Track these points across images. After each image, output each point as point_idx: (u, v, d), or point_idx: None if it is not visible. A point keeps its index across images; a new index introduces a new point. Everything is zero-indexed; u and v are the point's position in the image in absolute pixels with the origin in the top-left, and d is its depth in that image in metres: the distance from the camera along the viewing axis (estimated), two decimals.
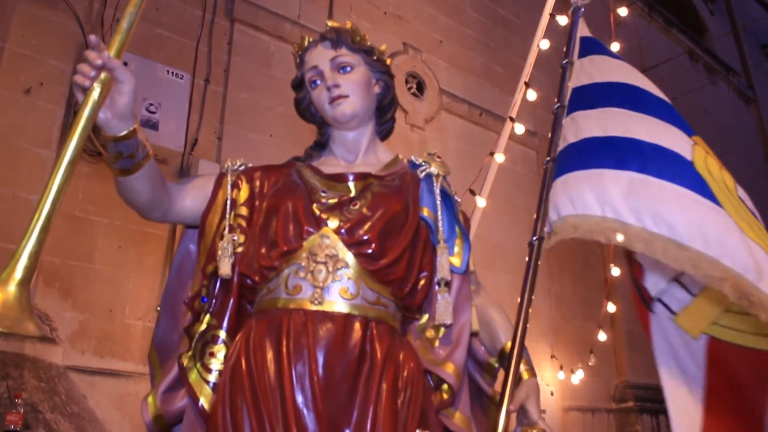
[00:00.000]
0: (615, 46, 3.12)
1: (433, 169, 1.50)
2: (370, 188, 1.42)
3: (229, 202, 1.43)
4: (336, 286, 1.29)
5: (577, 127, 1.73)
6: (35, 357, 2.84)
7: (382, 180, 1.45)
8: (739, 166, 8.00)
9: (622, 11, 3.78)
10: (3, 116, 3.08)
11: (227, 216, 1.42)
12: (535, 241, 1.59)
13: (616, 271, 4.31)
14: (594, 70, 1.89)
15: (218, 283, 1.39)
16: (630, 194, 1.50)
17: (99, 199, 3.31)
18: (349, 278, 1.30)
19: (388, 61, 1.59)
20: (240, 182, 1.47)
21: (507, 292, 3.62)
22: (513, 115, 3.15)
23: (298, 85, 1.57)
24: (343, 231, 1.32)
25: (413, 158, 1.55)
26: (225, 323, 1.36)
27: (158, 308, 1.52)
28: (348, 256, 1.31)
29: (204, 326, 1.36)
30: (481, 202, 3.03)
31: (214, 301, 1.38)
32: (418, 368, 1.31)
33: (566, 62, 1.91)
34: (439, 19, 5.52)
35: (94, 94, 1.12)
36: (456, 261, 1.42)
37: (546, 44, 3.17)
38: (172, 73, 3.66)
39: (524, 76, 3.18)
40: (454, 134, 5.29)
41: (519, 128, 3.22)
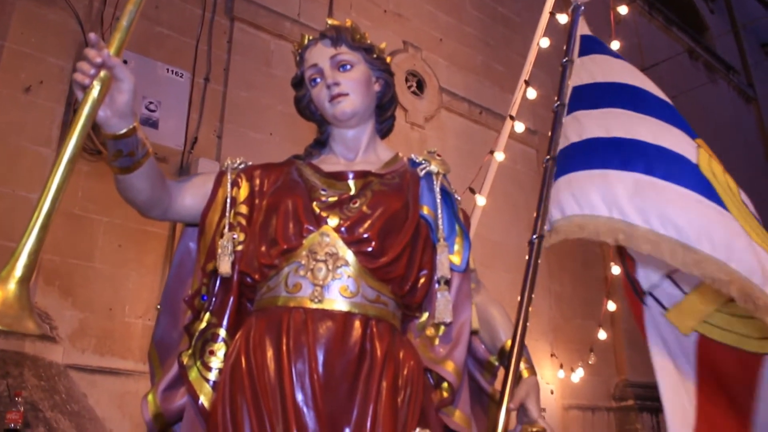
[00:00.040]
0: (615, 45, 3.12)
1: (433, 168, 1.50)
2: (370, 186, 1.42)
3: (229, 201, 1.43)
4: (336, 284, 1.29)
5: (579, 127, 1.72)
6: (35, 355, 2.84)
7: (382, 178, 1.45)
8: (739, 164, 8.00)
9: (622, 9, 3.78)
10: (3, 114, 3.08)
11: (227, 214, 1.41)
12: (535, 239, 1.59)
13: (617, 270, 4.29)
14: (596, 70, 1.88)
15: (218, 282, 1.39)
16: (636, 195, 1.50)
17: (99, 197, 3.31)
18: (349, 276, 1.30)
19: (388, 59, 1.59)
20: (240, 180, 1.47)
21: (507, 291, 3.62)
22: (513, 113, 3.14)
23: (298, 83, 1.57)
24: (343, 229, 1.32)
25: (413, 156, 1.55)
26: (225, 321, 1.36)
27: (158, 306, 1.52)
28: (348, 254, 1.31)
29: (204, 324, 1.36)
30: (481, 200, 3.03)
31: (214, 299, 1.38)
32: (418, 366, 1.31)
33: (566, 60, 1.91)
34: (439, 17, 5.52)
35: (94, 92, 1.12)
36: (456, 259, 1.42)
37: (546, 42, 3.17)
38: (172, 71, 3.66)
39: (524, 75, 3.18)
40: (454, 132, 5.29)
41: (519, 126, 3.23)
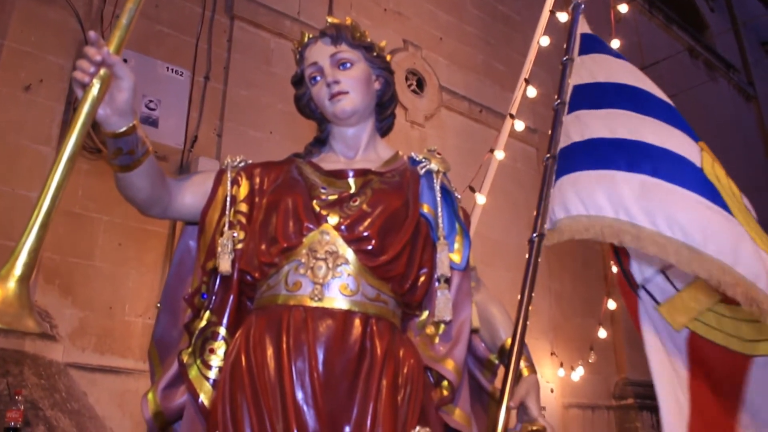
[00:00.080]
0: (615, 43, 3.11)
1: (433, 166, 1.50)
2: (370, 185, 1.42)
3: (228, 199, 1.43)
4: (336, 283, 1.29)
5: (582, 126, 1.72)
6: (35, 354, 2.85)
7: (382, 176, 1.45)
8: (740, 163, 8.01)
9: (623, 8, 3.77)
10: (2, 113, 3.07)
11: (227, 212, 1.41)
12: (535, 237, 1.59)
13: (616, 269, 4.29)
14: (597, 69, 1.88)
15: (218, 280, 1.39)
16: (642, 197, 1.50)
17: (99, 196, 3.31)
18: (349, 275, 1.30)
19: (388, 57, 1.59)
20: (240, 179, 1.47)
21: (507, 289, 3.62)
22: (513, 112, 3.14)
23: (298, 81, 1.57)
24: (343, 227, 1.32)
25: (413, 155, 1.55)
26: (225, 320, 1.36)
27: (158, 305, 1.52)
28: (348, 253, 1.31)
29: (204, 323, 1.36)
30: (481, 199, 3.03)
31: (213, 297, 1.38)
32: (418, 365, 1.31)
33: (566, 59, 1.91)
34: (439, 15, 5.51)
35: (94, 90, 1.11)
36: (456, 257, 1.42)
37: (546, 41, 3.16)
38: (172, 70, 3.65)
39: (524, 73, 3.18)
40: (454, 131, 5.29)
41: (519, 125, 3.22)
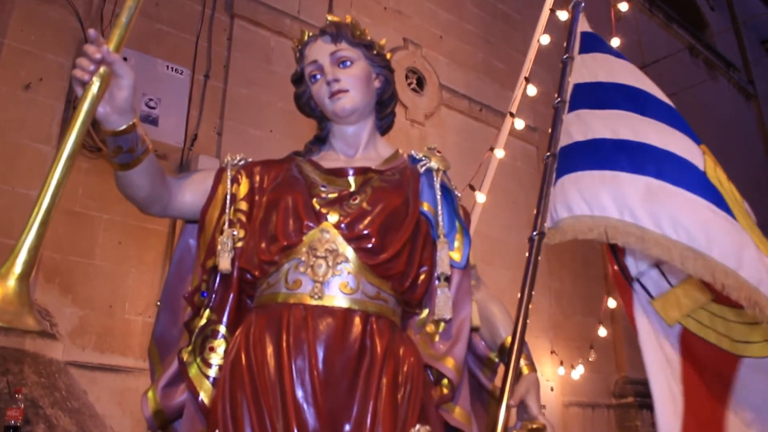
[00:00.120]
0: (615, 42, 3.10)
1: (434, 164, 1.50)
2: (370, 183, 1.42)
3: (228, 197, 1.43)
4: (336, 281, 1.29)
5: (584, 126, 1.71)
6: (35, 352, 2.85)
7: (382, 174, 1.45)
8: (740, 162, 8.00)
9: (623, 6, 3.76)
10: (2, 112, 3.07)
11: (227, 211, 1.41)
12: (535, 236, 1.59)
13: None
14: (597, 69, 1.87)
15: (218, 278, 1.39)
16: (647, 199, 1.49)
17: (99, 194, 3.31)
18: (349, 273, 1.30)
19: (388, 55, 1.58)
20: (240, 177, 1.47)
21: (507, 288, 3.62)
22: (513, 110, 3.14)
23: (298, 79, 1.56)
24: (342, 225, 1.32)
25: (413, 153, 1.55)
26: (225, 318, 1.36)
27: (158, 303, 1.52)
28: (348, 251, 1.31)
29: (204, 321, 1.36)
30: (480, 197, 3.03)
31: (213, 295, 1.38)
32: (418, 363, 1.31)
33: (567, 57, 1.91)
34: (439, 14, 5.51)
35: (93, 88, 1.11)
36: (456, 256, 1.42)
37: (546, 39, 3.16)
38: (172, 68, 3.65)
39: (524, 72, 3.18)
40: (454, 130, 5.29)
41: (519, 124, 3.22)
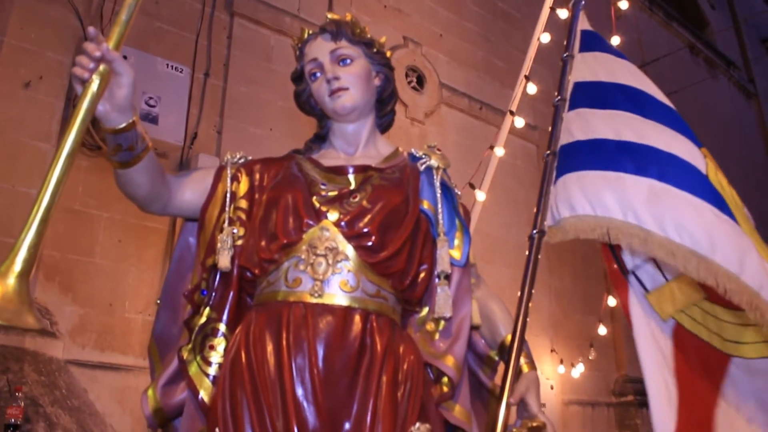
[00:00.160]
0: (615, 40, 3.10)
1: (434, 162, 1.50)
2: (370, 181, 1.42)
3: (228, 195, 1.43)
4: (336, 279, 1.29)
5: (586, 125, 1.71)
6: (35, 351, 2.85)
7: (382, 172, 1.45)
8: (740, 160, 8.00)
9: (623, 5, 3.76)
10: (2, 110, 3.07)
11: (227, 209, 1.41)
12: (535, 234, 1.59)
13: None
14: (598, 68, 1.87)
15: (218, 276, 1.39)
16: (650, 201, 1.49)
17: (99, 192, 3.31)
18: (349, 271, 1.30)
19: (388, 53, 1.58)
20: (240, 175, 1.47)
21: (507, 286, 3.63)
22: (513, 108, 3.14)
23: (298, 77, 1.56)
24: (342, 223, 1.32)
25: (413, 151, 1.55)
26: (225, 316, 1.36)
27: (158, 301, 1.52)
28: (348, 249, 1.31)
29: (204, 319, 1.36)
30: (480, 195, 3.03)
31: (213, 294, 1.38)
32: (418, 361, 1.31)
33: (567, 55, 1.90)
34: (439, 12, 5.51)
35: (93, 86, 1.11)
36: (456, 254, 1.42)
37: (546, 38, 3.16)
38: (172, 66, 3.65)
39: (524, 70, 3.17)
40: (454, 128, 5.28)
41: (519, 122, 3.22)
